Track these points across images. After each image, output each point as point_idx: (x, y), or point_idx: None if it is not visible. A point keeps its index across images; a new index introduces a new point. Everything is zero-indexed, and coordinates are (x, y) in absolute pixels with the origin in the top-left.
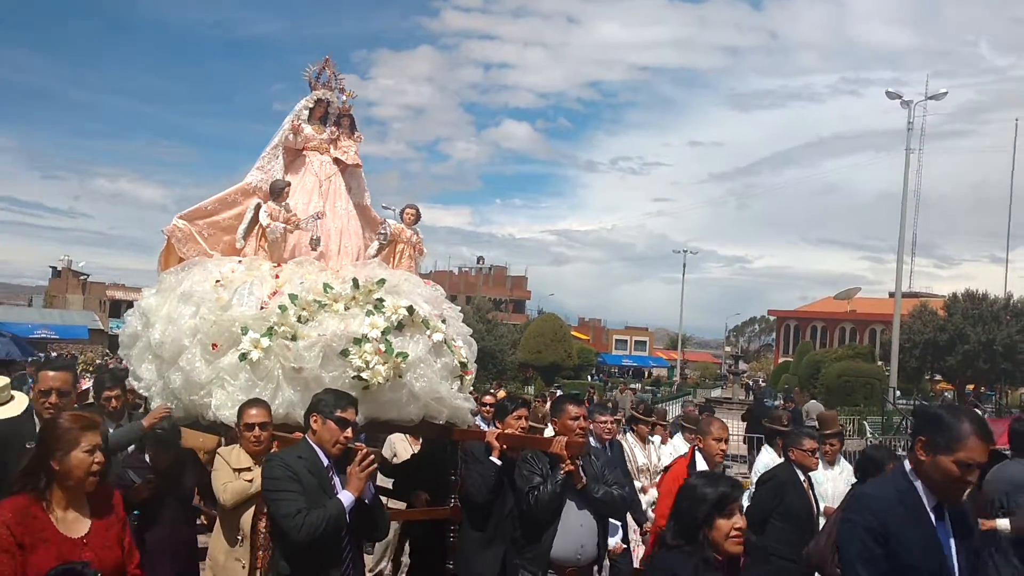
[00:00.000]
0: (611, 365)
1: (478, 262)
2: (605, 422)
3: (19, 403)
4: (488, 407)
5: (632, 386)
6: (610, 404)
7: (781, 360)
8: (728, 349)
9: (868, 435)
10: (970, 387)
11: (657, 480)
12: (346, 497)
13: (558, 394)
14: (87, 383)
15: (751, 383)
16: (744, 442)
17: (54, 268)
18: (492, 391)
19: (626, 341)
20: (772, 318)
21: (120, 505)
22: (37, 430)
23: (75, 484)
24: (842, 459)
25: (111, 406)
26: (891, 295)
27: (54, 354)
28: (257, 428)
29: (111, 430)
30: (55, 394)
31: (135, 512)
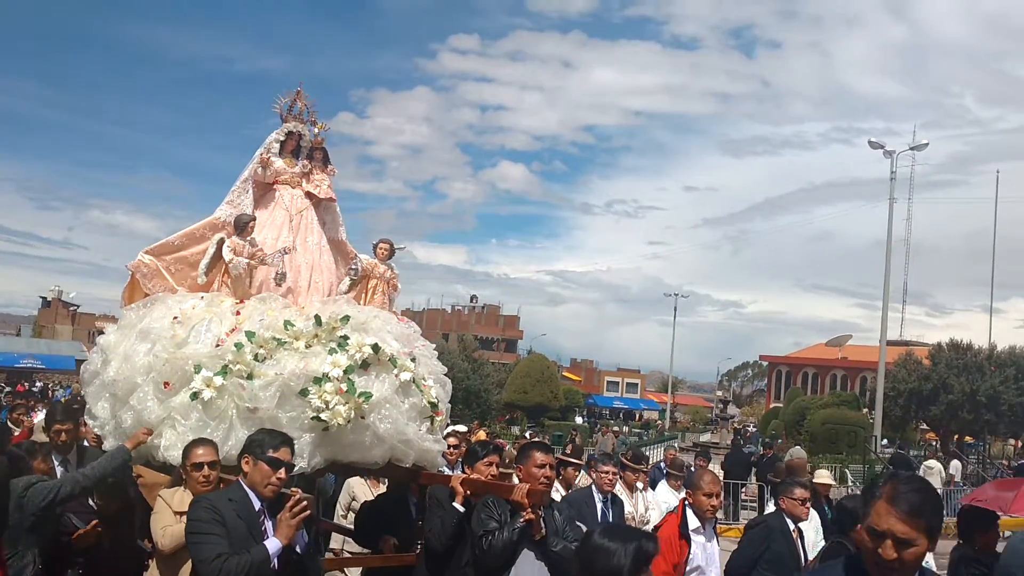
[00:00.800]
0: (602, 407)
1: (471, 300)
2: (607, 472)
3: None
4: (451, 448)
5: (615, 429)
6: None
7: (772, 406)
8: (720, 394)
9: (850, 483)
10: (955, 437)
11: None
12: (272, 544)
13: (534, 439)
14: (39, 415)
15: (740, 428)
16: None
17: (44, 298)
18: (458, 432)
19: (618, 383)
20: (764, 363)
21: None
22: None
23: None
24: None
25: (60, 439)
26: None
27: None
28: (207, 467)
29: (56, 464)
30: None
31: (80, 559)
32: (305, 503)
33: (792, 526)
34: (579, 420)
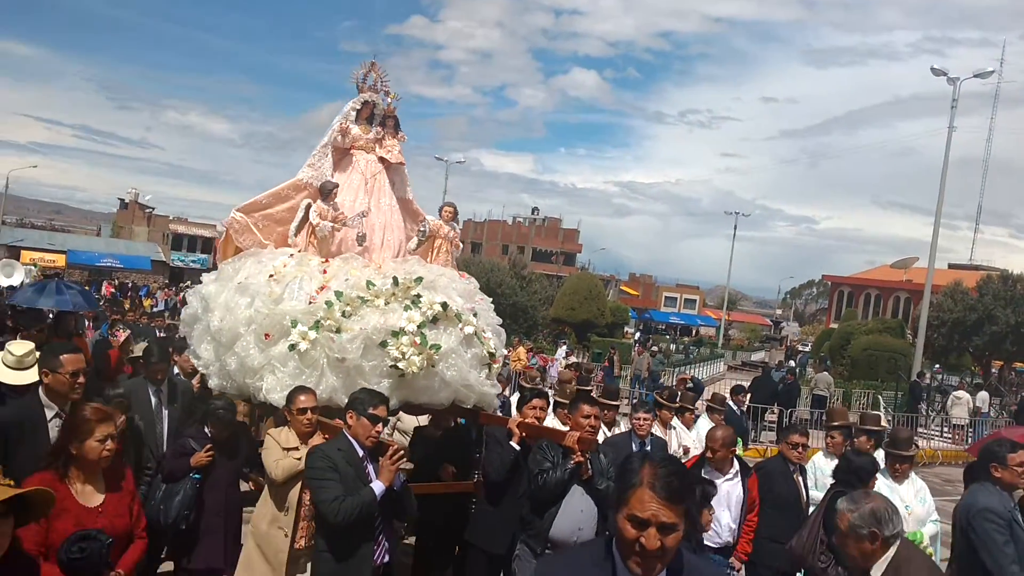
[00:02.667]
0: (659, 322)
1: (532, 213)
2: (640, 419)
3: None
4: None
5: (653, 348)
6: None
7: (831, 326)
8: (779, 312)
9: (882, 408)
10: (998, 364)
11: None
12: (378, 486)
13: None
14: (124, 335)
15: (791, 348)
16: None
17: (122, 200)
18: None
19: (676, 299)
20: (828, 283)
21: (131, 480)
22: (48, 409)
23: (89, 465)
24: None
25: (156, 376)
26: (951, 266)
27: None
28: (309, 412)
29: (152, 396)
30: (82, 375)
31: (197, 476)
32: (402, 452)
33: (792, 467)
34: (636, 334)
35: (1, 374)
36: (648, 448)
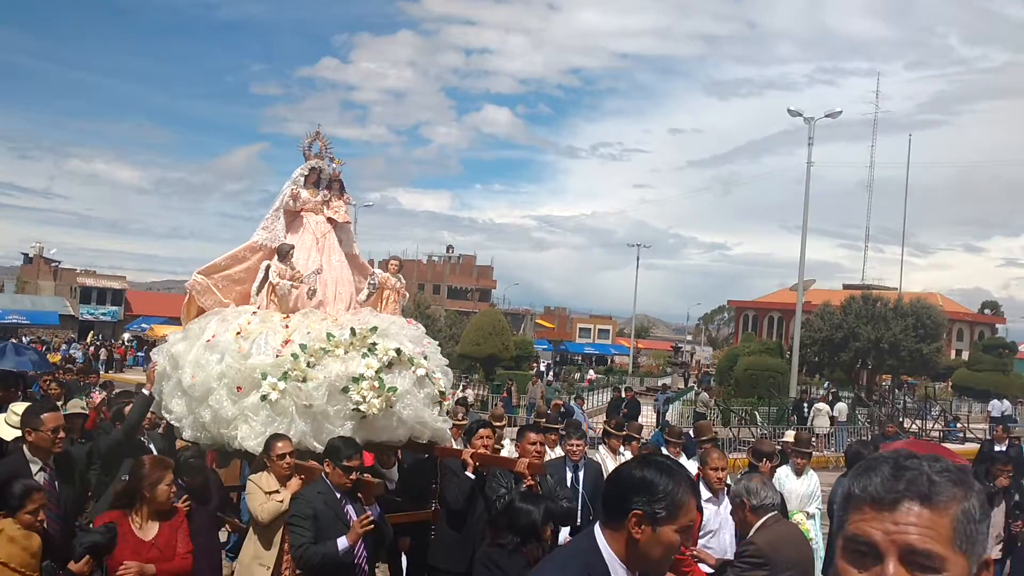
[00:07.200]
0: (574, 353)
1: (447, 251)
2: (573, 444)
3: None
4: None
5: (548, 379)
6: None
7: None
8: (689, 337)
9: (759, 423)
10: (885, 378)
11: None
12: (342, 543)
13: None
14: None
15: (687, 373)
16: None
17: (25, 255)
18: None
19: (590, 329)
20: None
21: (181, 516)
22: (32, 464)
23: (157, 506)
24: None
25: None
26: (845, 287)
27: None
28: (288, 456)
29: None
30: (61, 430)
31: None
32: (371, 520)
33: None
34: (542, 366)
35: (6, 433)
36: (582, 472)
